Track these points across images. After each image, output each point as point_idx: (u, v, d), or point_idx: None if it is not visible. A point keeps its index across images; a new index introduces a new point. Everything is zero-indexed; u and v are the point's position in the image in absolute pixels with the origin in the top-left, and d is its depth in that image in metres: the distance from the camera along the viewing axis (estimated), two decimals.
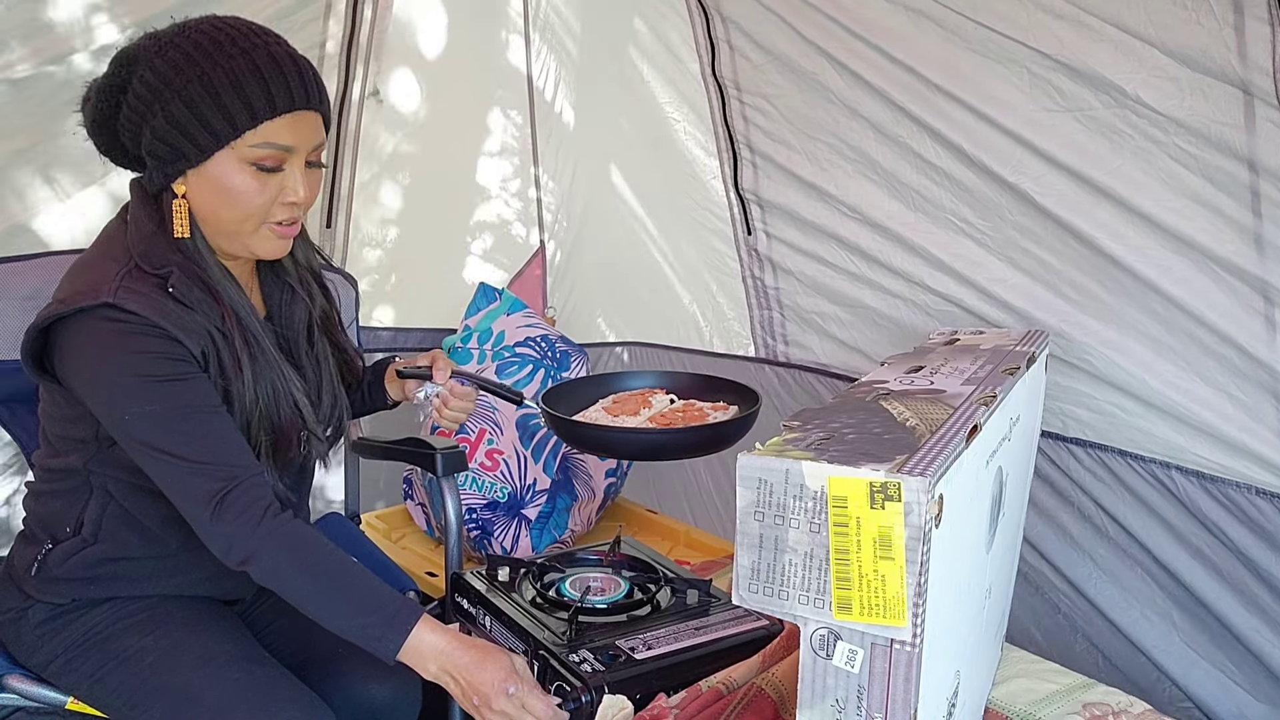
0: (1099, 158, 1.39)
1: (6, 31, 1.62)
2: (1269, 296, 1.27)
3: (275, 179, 1.12)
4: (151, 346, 1.08)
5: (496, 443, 2.10)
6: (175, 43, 1.09)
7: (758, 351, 2.20)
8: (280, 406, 1.20)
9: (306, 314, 1.30)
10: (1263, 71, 1.18)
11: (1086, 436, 1.53)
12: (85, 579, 1.23)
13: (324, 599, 1.09)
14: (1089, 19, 1.35)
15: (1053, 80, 1.42)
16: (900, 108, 1.65)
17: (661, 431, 1.39)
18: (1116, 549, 1.53)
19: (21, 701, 1.26)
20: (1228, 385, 1.35)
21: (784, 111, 1.92)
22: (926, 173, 1.66)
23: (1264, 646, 1.36)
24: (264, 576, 1.09)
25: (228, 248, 1.18)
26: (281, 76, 1.09)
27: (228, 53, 1.08)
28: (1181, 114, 1.29)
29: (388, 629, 1.07)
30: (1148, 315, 1.40)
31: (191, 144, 1.09)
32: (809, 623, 0.80)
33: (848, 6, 1.68)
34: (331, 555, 1.11)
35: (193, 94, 1.07)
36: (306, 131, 1.13)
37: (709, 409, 1.49)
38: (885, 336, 1.85)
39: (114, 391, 1.09)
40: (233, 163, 1.10)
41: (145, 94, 1.09)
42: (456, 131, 2.44)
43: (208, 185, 1.11)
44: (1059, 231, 1.47)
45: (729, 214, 2.14)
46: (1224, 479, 1.38)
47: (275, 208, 1.14)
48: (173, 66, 1.08)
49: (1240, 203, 1.26)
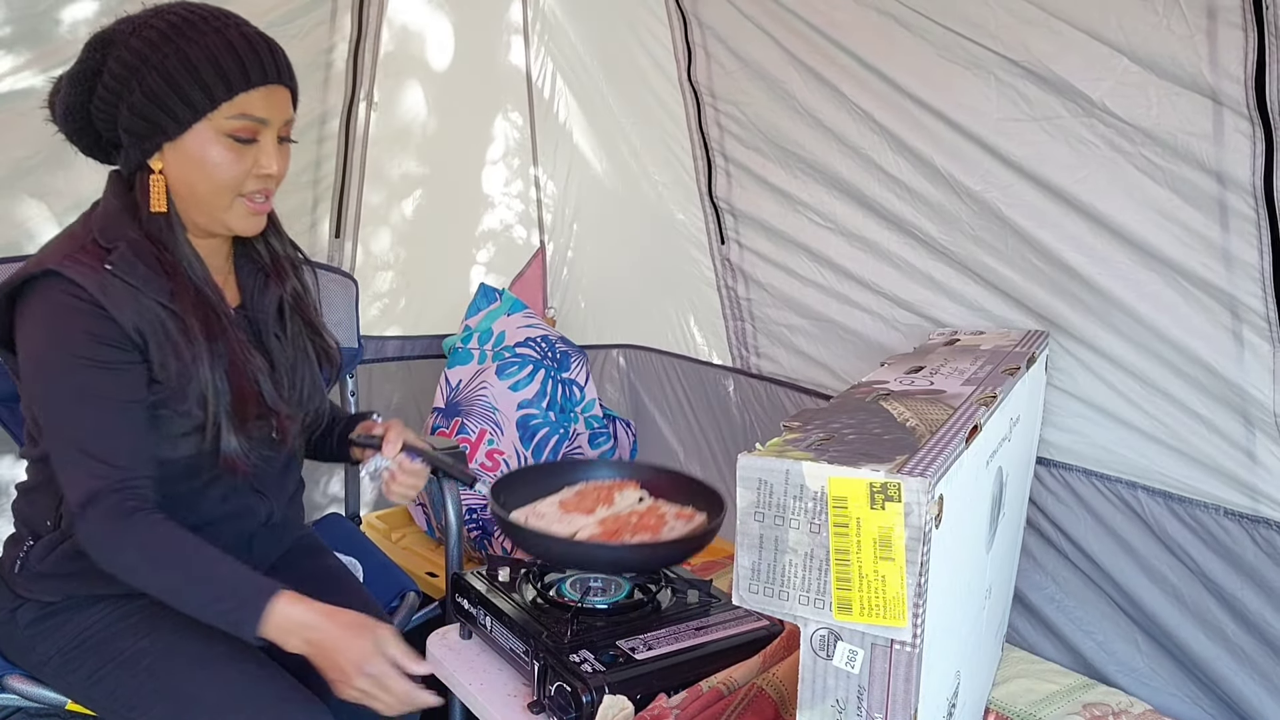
0: (1065, 167, 1.35)
1: (8, 41, 1.62)
2: (1237, 312, 1.23)
3: (250, 151, 1.16)
4: (84, 324, 1.10)
5: (497, 443, 2.10)
6: (149, 23, 1.12)
7: (733, 362, 2.18)
8: (239, 383, 1.20)
9: (278, 299, 1.31)
10: (1234, 79, 1.15)
11: (1050, 455, 1.48)
12: (65, 574, 1.23)
13: (183, 590, 1.11)
14: (1058, 24, 1.30)
15: (1019, 87, 1.38)
16: (868, 116, 1.61)
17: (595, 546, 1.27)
18: (1078, 573, 1.48)
19: (21, 702, 1.26)
20: (1194, 402, 1.30)
21: (755, 120, 1.89)
22: (889, 186, 1.63)
23: (1226, 674, 1.32)
24: (126, 574, 1.11)
25: (203, 223, 1.20)
26: (254, 52, 1.13)
27: (201, 30, 1.11)
28: (1149, 123, 1.25)
29: (243, 610, 1.08)
30: (1113, 331, 1.36)
31: (169, 117, 1.11)
32: (809, 623, 0.80)
33: (821, 10, 1.65)
34: (191, 548, 1.12)
35: (170, 68, 1.10)
36: (278, 105, 1.17)
37: (672, 515, 1.39)
38: (851, 351, 1.82)
39: (39, 362, 1.12)
40: (209, 135, 1.13)
41: (121, 72, 1.11)
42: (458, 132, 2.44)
43: (184, 159, 1.14)
44: (1024, 246, 1.44)
45: (704, 223, 2.13)
46: (1191, 499, 1.33)
47: (249, 180, 1.17)
48: (148, 44, 1.10)
49: (1208, 215, 1.22)
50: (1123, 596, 1.42)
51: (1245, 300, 1.21)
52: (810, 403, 1.94)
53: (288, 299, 1.32)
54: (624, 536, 1.29)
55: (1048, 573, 1.50)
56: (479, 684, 1.27)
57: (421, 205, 2.34)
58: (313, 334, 1.35)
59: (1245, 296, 1.21)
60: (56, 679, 1.23)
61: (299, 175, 2.09)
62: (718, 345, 2.23)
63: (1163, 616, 1.37)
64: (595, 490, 1.43)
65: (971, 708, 1.07)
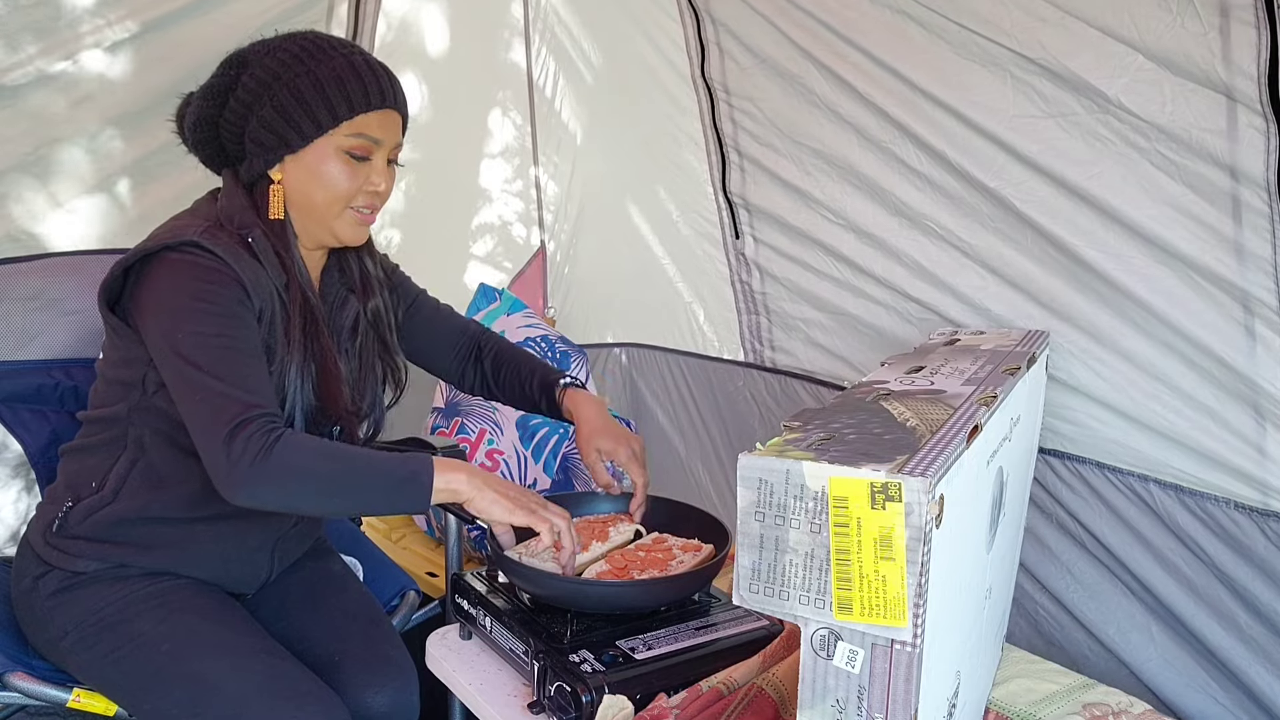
0: (1080, 163, 1.37)
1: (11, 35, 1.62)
2: (1249, 307, 1.24)
3: (363, 168, 1.25)
4: (221, 281, 1.17)
5: (497, 443, 2.10)
6: (283, 45, 1.23)
7: (747, 356, 2.19)
8: (328, 386, 1.27)
9: (355, 314, 1.38)
10: (1247, 76, 1.17)
11: (1064, 448, 1.50)
12: (102, 539, 1.26)
13: (357, 469, 1.15)
14: (1073, 22, 1.32)
15: (1035, 84, 1.40)
16: (883, 112, 1.63)
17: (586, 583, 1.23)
18: (1094, 562, 1.50)
19: (24, 700, 1.26)
20: (1207, 397, 1.32)
21: (770, 115, 1.91)
22: (908, 178, 1.64)
23: (1239, 663, 1.34)
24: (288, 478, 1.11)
25: (314, 231, 1.29)
26: (375, 77, 1.24)
27: (329, 55, 1.22)
28: (1163, 120, 1.26)
29: (419, 471, 1.15)
30: (1127, 324, 1.38)
31: (295, 131, 1.21)
32: (809, 623, 0.80)
33: (834, 8, 1.66)
34: (343, 446, 1.18)
35: (300, 86, 1.20)
36: (391, 128, 1.27)
37: (678, 548, 1.36)
38: (867, 344, 1.84)
39: (175, 313, 1.16)
40: (329, 150, 1.23)
41: (255, 88, 1.21)
42: (459, 132, 2.44)
43: (304, 171, 1.23)
44: (1039, 239, 1.45)
45: (718, 218, 2.14)
46: (1202, 493, 1.35)
47: (360, 195, 1.26)
48: (282, 64, 1.21)
49: (1221, 210, 1.24)
50: (1138, 586, 1.45)
51: (1257, 294, 1.23)
52: (827, 395, 1.96)
53: (366, 316, 1.39)
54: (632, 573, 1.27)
55: (1063, 563, 1.53)
56: (479, 684, 1.27)
57: (418, 199, 2.34)
58: (384, 352, 1.42)
59: (1258, 290, 1.23)
60: (70, 655, 1.24)
61: None
62: (729, 340, 2.24)
63: (1178, 606, 1.39)
64: (588, 525, 1.42)
65: (971, 707, 1.08)
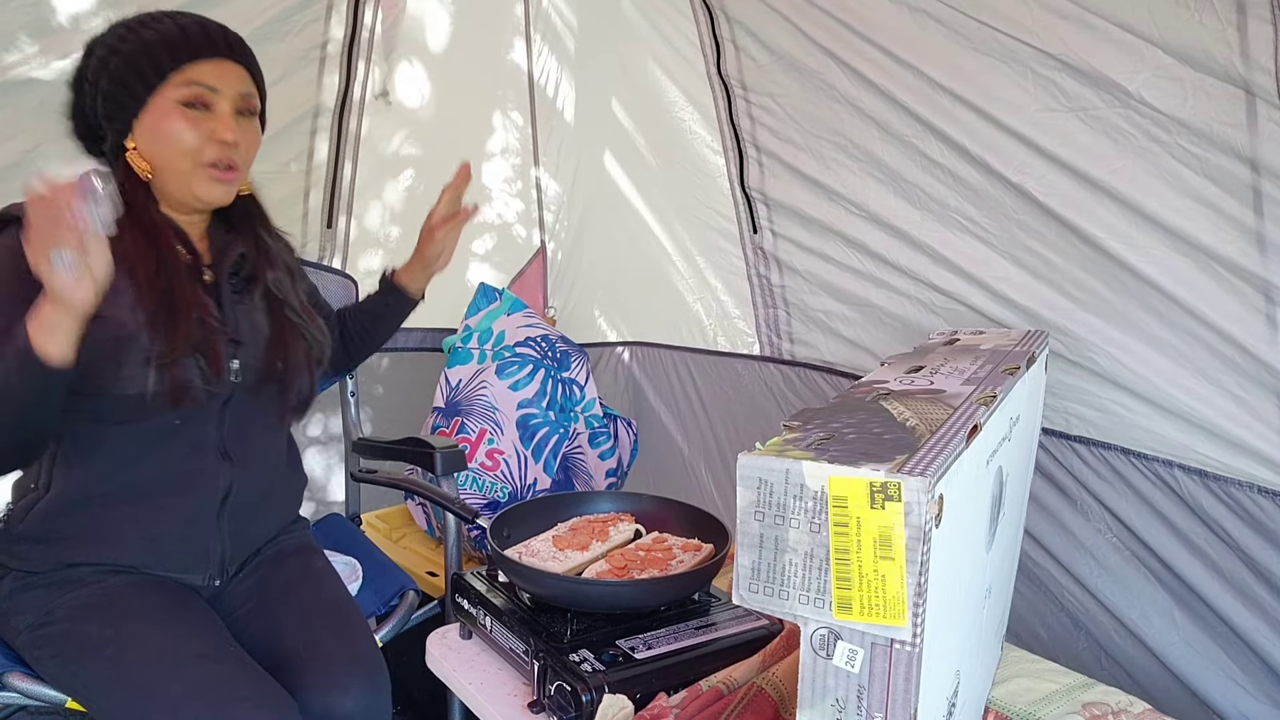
0: (1102, 157, 1.40)
1: (9, 33, 1.62)
2: (1270, 296, 1.28)
3: (206, 120, 1.27)
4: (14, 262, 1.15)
5: (497, 442, 2.10)
6: (120, 23, 1.28)
7: (763, 350, 2.20)
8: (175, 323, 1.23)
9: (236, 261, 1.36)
10: (1265, 71, 1.19)
11: (1090, 435, 1.54)
12: (40, 540, 1.27)
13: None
14: (1093, 19, 1.35)
15: (1056, 80, 1.42)
16: (904, 107, 1.65)
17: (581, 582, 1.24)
18: (1119, 546, 1.53)
19: (23, 700, 1.26)
20: (1230, 384, 1.35)
21: (789, 110, 1.92)
22: (931, 171, 1.66)
23: (1264, 645, 1.37)
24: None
25: (175, 192, 1.30)
26: (202, 30, 1.27)
27: (158, 20, 1.27)
28: (1184, 114, 1.29)
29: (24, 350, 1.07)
30: (1150, 314, 1.41)
31: (129, 94, 1.24)
32: (809, 622, 0.80)
33: (851, 7, 1.68)
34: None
35: (130, 52, 1.24)
36: (229, 77, 1.28)
37: (678, 547, 1.36)
38: (891, 334, 1.86)
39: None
40: (167, 105, 1.25)
41: (96, 65, 1.26)
42: (459, 132, 2.44)
43: (149, 133, 1.26)
44: (1062, 230, 1.48)
45: (735, 212, 2.14)
46: (1226, 477, 1.38)
47: (208, 147, 1.27)
48: (118, 37, 1.26)
49: (1242, 202, 1.27)
50: (1163, 569, 1.48)
51: (1278, 283, 1.26)
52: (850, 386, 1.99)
53: (271, 286, 1.39)
54: (632, 573, 1.27)
55: (1087, 548, 1.57)
56: (479, 684, 1.27)
57: (418, 198, 2.34)
58: (296, 317, 1.40)
59: (1279, 280, 1.26)
60: (26, 653, 1.27)
61: (290, 164, 2.10)
62: (743, 335, 2.25)
63: (1202, 589, 1.43)
64: (588, 525, 1.42)
65: (971, 707, 1.07)
